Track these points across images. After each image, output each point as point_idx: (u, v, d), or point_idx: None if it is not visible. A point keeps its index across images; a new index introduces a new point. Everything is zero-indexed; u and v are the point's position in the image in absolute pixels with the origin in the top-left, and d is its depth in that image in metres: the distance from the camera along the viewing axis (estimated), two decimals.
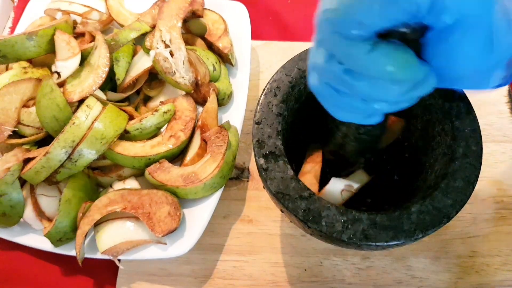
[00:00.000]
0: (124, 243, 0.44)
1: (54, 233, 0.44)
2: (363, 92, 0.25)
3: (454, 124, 0.37)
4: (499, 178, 0.52)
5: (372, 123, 0.29)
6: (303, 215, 0.34)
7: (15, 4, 0.68)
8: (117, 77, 0.52)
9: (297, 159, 0.41)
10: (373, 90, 0.25)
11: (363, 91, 0.25)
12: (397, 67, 0.24)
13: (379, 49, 0.24)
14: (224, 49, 0.53)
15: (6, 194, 0.44)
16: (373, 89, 0.25)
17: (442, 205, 0.34)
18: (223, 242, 0.49)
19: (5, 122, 0.46)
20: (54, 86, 0.45)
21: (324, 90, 0.28)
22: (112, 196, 0.45)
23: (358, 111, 0.28)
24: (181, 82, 0.50)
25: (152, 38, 0.50)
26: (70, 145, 0.43)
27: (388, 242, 0.32)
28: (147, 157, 0.46)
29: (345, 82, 0.25)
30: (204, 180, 0.45)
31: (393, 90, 0.25)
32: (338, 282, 0.47)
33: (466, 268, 0.47)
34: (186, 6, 0.53)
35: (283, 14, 0.67)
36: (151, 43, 0.50)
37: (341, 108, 0.28)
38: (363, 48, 0.24)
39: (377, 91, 0.25)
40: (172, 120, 0.49)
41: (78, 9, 0.57)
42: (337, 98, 0.27)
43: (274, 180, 0.36)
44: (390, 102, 0.26)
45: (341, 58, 0.25)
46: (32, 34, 0.49)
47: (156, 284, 0.47)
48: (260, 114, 0.39)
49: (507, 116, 0.55)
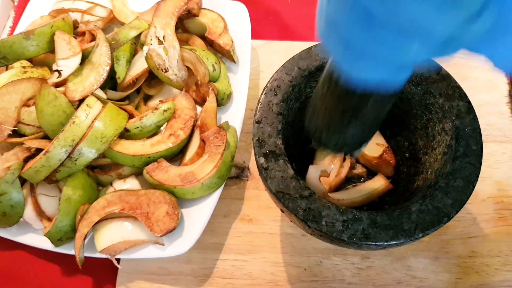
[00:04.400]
0: (122, 242, 0.44)
1: (54, 232, 0.44)
2: (408, 15, 0.19)
3: (454, 123, 0.37)
4: (499, 179, 0.52)
5: (400, 80, 0.24)
6: (303, 214, 0.34)
7: (15, 3, 0.68)
8: (118, 76, 0.52)
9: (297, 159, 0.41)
10: (424, 12, 0.19)
11: (408, 14, 0.19)
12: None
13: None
14: (225, 46, 0.53)
15: (6, 193, 0.44)
16: (424, 11, 0.19)
17: (442, 204, 0.33)
18: (223, 241, 0.49)
19: (5, 122, 0.46)
20: (57, 93, 0.45)
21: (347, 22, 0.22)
22: (110, 198, 0.45)
23: (387, 56, 0.22)
24: (173, 79, 0.50)
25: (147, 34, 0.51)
26: (70, 144, 0.43)
27: (388, 241, 0.32)
28: (146, 156, 0.46)
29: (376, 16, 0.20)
30: (201, 180, 0.45)
31: (448, 14, 0.19)
32: (338, 281, 0.47)
33: (466, 269, 0.47)
34: (182, 5, 0.54)
35: (283, 14, 0.67)
36: (145, 38, 0.50)
37: (365, 54, 0.22)
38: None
39: (425, 17, 0.19)
40: (172, 118, 0.49)
41: (82, 6, 0.57)
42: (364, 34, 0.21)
43: (274, 180, 0.36)
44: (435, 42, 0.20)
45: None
46: (29, 34, 0.49)
47: (156, 283, 0.47)
48: (261, 113, 0.39)
49: (508, 116, 0.55)
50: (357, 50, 0.23)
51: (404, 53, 0.21)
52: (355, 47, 0.22)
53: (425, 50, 0.21)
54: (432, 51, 0.21)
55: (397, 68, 0.23)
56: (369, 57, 0.23)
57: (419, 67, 0.23)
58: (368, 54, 0.22)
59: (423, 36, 0.20)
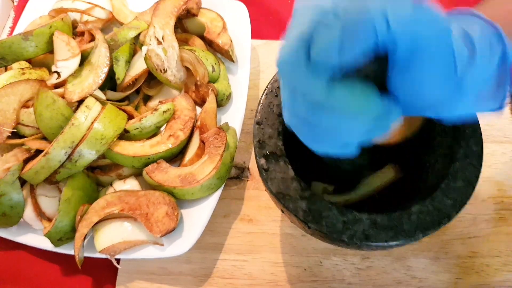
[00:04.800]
0: (121, 243, 0.44)
1: (54, 233, 0.44)
2: (327, 126, 0.25)
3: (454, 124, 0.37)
4: (499, 179, 0.52)
5: (349, 154, 0.28)
6: (304, 215, 0.34)
7: (15, 3, 0.68)
8: (117, 76, 0.52)
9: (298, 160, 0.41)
10: (336, 125, 0.25)
11: (327, 126, 0.25)
12: (355, 103, 0.24)
13: (338, 84, 0.24)
14: (224, 46, 0.53)
15: (6, 194, 0.44)
16: (336, 124, 0.25)
17: (442, 205, 0.33)
18: (223, 241, 0.49)
19: (4, 124, 0.46)
20: (55, 96, 0.45)
21: (296, 125, 0.28)
22: (110, 198, 0.45)
23: (330, 143, 0.27)
24: (172, 79, 0.50)
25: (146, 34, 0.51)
26: (69, 145, 0.43)
27: (388, 242, 0.32)
28: (146, 157, 0.46)
29: (309, 117, 0.26)
30: (201, 181, 0.45)
31: (355, 124, 0.25)
32: (338, 282, 0.47)
33: (466, 269, 0.47)
34: (181, 5, 0.53)
35: (283, 13, 0.67)
36: (144, 39, 0.50)
37: (315, 141, 0.28)
38: (321, 83, 0.24)
39: (340, 126, 0.25)
40: (171, 119, 0.49)
41: (81, 6, 0.57)
42: (309, 131, 0.27)
43: (274, 181, 0.36)
44: (357, 135, 0.26)
45: (302, 93, 0.25)
46: (28, 34, 0.49)
47: (156, 283, 0.47)
48: (261, 115, 0.39)
49: (508, 116, 0.55)
50: (308, 139, 0.28)
51: (340, 141, 0.27)
52: (306, 137, 0.28)
53: (355, 139, 0.26)
54: (361, 138, 0.26)
55: (341, 147, 0.27)
56: (317, 143, 0.28)
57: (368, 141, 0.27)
58: (315, 141, 0.28)
59: (346, 134, 0.26)
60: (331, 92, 0.24)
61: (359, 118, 0.24)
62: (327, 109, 0.24)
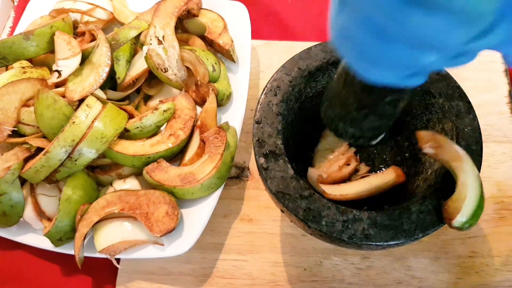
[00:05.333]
0: (121, 242, 0.44)
1: (54, 232, 0.44)
2: (420, 31, 0.19)
3: (454, 123, 0.37)
4: (499, 179, 0.52)
5: (414, 84, 0.24)
6: (304, 214, 0.34)
7: (15, 3, 0.68)
8: (118, 76, 0.52)
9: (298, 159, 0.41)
10: (435, 29, 0.19)
11: (420, 31, 0.19)
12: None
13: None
14: (225, 46, 0.53)
15: (6, 193, 0.44)
16: (436, 28, 0.18)
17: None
18: (222, 241, 0.49)
19: (5, 122, 0.46)
20: (56, 96, 0.45)
21: (359, 34, 0.21)
22: (110, 198, 0.45)
23: (401, 66, 0.22)
24: (173, 79, 0.50)
25: (146, 34, 0.51)
26: (70, 144, 0.43)
27: (388, 241, 0.32)
28: (146, 156, 0.46)
29: (398, 16, 0.19)
30: (201, 180, 0.45)
31: (461, 31, 0.19)
32: (338, 281, 0.47)
33: (466, 269, 0.47)
34: (181, 5, 0.54)
35: (283, 14, 0.67)
36: (145, 38, 0.50)
37: (379, 63, 0.22)
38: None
39: (440, 31, 0.19)
40: (172, 119, 0.49)
41: (83, 7, 0.57)
42: (377, 46, 0.21)
43: (274, 180, 0.36)
44: (450, 52, 0.20)
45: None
46: (29, 34, 0.49)
47: (156, 283, 0.47)
48: (261, 114, 0.39)
49: (508, 116, 0.55)
50: (370, 59, 0.23)
51: (417, 64, 0.21)
52: (368, 56, 0.22)
53: (438, 62, 0.21)
54: (445, 62, 0.21)
55: (411, 75, 0.23)
56: (382, 66, 0.23)
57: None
58: (381, 63, 0.22)
59: (436, 50, 0.20)
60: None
61: (471, 19, 0.18)
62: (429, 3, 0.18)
